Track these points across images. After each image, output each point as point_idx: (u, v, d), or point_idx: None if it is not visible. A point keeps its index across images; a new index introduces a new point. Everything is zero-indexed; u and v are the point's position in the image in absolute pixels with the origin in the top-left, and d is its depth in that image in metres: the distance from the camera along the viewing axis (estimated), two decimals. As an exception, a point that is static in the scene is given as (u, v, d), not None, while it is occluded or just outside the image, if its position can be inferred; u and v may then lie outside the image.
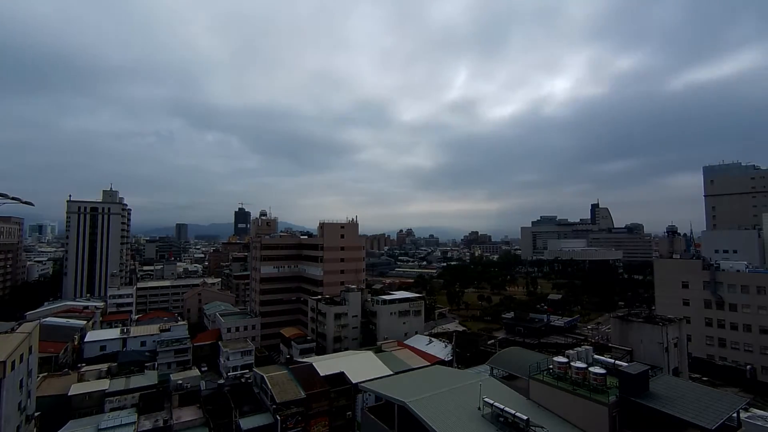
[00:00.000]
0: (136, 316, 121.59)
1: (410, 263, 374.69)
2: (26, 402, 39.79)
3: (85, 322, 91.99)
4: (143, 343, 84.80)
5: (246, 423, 48.74)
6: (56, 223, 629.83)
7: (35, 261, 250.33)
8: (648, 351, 48.10)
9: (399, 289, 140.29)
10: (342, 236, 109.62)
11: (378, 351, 69.35)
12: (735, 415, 31.05)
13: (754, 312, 70.89)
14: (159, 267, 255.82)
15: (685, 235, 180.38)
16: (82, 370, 63.68)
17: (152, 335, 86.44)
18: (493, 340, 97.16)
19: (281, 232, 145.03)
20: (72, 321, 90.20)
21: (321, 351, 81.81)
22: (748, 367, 69.17)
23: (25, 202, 60.54)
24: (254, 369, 64.76)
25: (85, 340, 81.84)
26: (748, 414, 34.18)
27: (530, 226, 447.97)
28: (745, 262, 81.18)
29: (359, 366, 60.82)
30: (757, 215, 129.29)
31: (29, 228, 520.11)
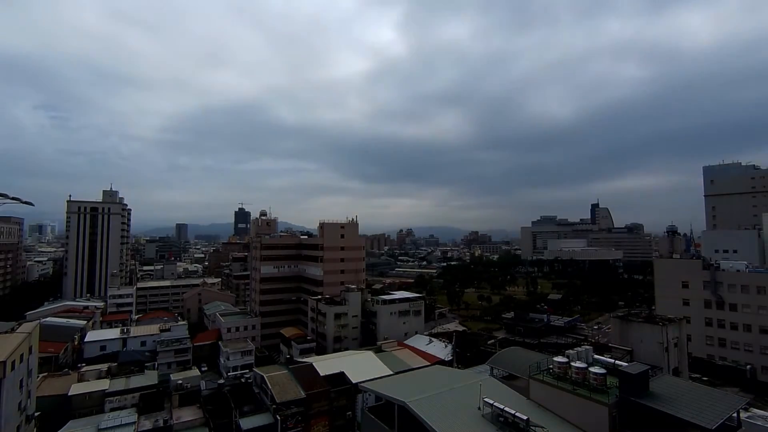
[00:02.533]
0: (136, 316, 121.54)
1: (410, 263, 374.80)
2: (26, 402, 39.81)
3: (85, 322, 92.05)
4: (143, 343, 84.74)
5: (246, 423, 48.73)
6: (56, 223, 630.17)
7: (35, 261, 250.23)
8: (648, 351, 48.18)
9: (399, 289, 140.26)
10: (342, 236, 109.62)
11: (378, 351, 69.38)
12: (735, 415, 31.06)
13: (754, 312, 70.89)
14: (159, 267, 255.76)
15: (685, 235, 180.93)
16: (82, 370, 63.66)
17: (152, 335, 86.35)
18: (493, 340, 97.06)
19: (281, 232, 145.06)
20: (72, 321, 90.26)
21: (321, 351, 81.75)
22: (748, 367, 69.17)
23: (25, 202, 60.82)
24: (254, 369, 64.74)
25: (85, 340, 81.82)
26: (748, 414, 34.23)
27: (530, 226, 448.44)
28: (745, 262, 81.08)
29: (359, 366, 60.86)
30: (757, 215, 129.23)
31: (29, 228, 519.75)
